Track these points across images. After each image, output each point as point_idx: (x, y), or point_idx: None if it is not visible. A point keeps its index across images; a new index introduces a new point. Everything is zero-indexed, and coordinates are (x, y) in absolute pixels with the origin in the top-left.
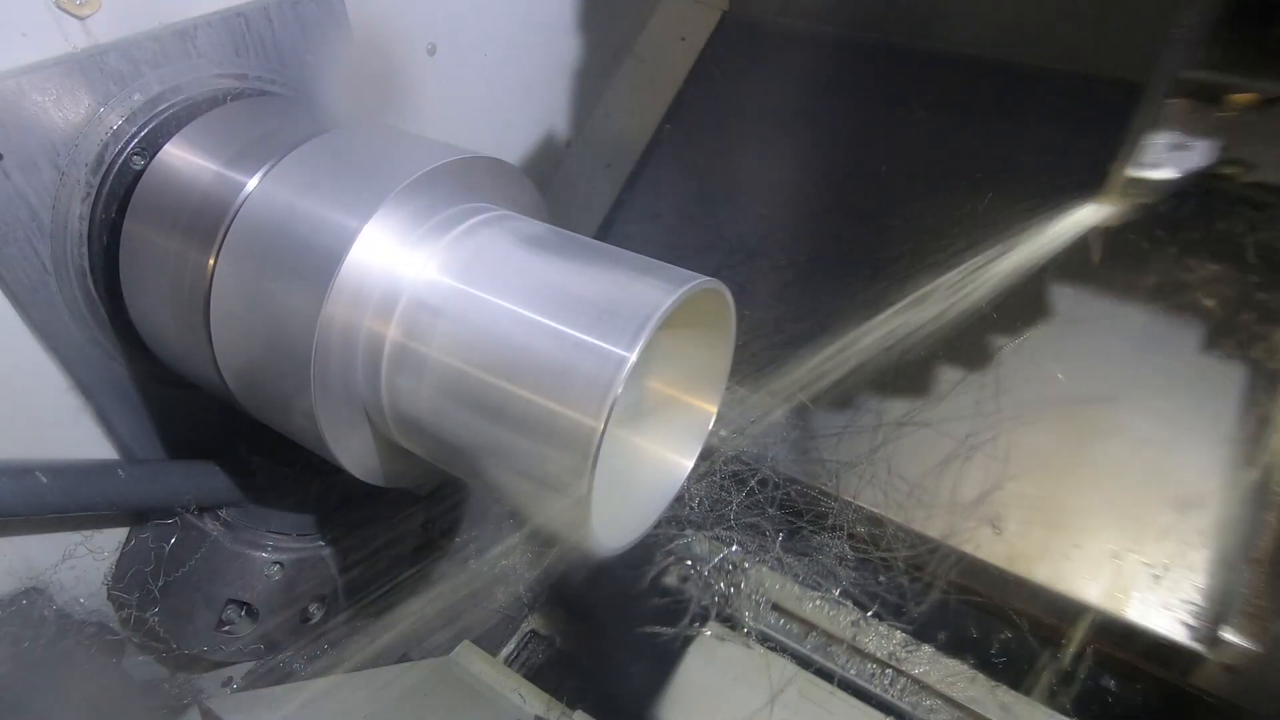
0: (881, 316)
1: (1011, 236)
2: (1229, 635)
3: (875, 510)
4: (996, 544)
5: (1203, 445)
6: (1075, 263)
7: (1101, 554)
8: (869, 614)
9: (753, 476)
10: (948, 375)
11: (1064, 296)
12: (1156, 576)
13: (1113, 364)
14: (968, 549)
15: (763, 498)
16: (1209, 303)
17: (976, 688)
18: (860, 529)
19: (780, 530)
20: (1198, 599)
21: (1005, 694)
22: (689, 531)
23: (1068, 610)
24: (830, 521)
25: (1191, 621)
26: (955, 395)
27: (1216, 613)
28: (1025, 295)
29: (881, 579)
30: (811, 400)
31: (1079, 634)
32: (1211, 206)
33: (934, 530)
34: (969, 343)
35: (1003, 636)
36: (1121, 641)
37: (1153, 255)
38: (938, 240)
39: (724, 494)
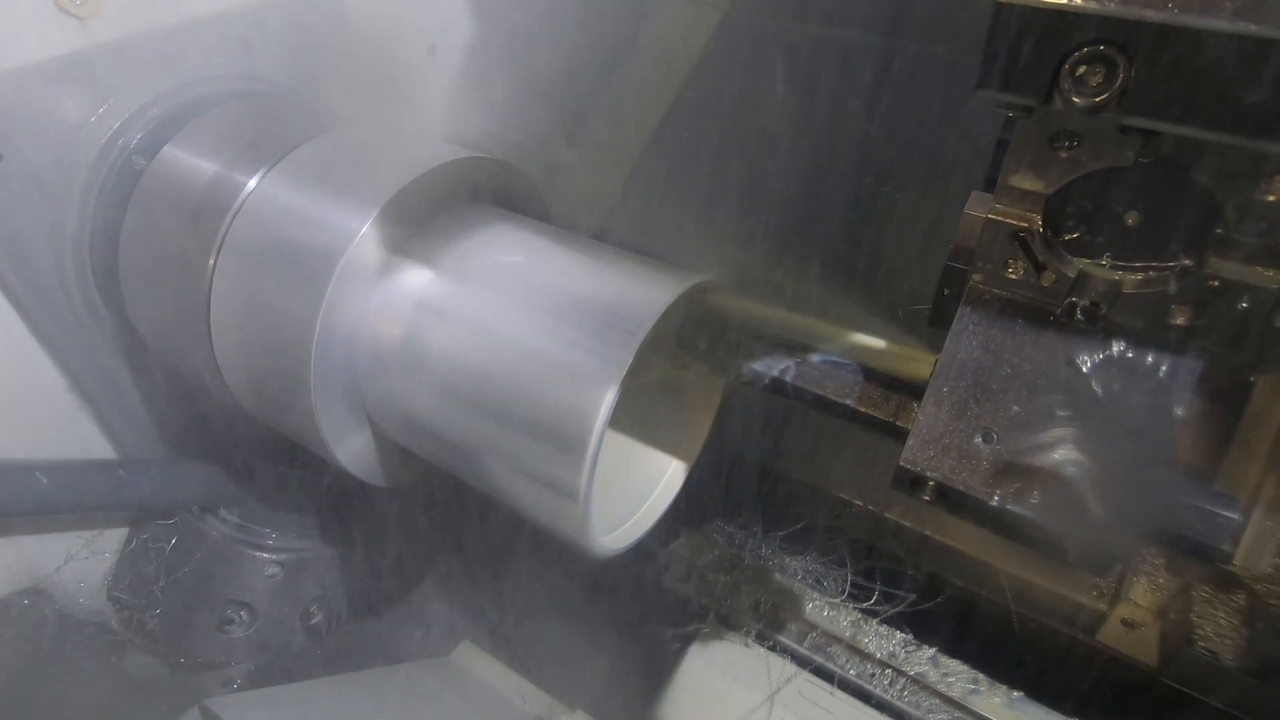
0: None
1: None
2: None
3: (858, 502)
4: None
5: None
6: None
7: None
8: (871, 600)
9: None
10: None
11: None
12: None
13: None
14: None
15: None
16: None
17: (976, 688)
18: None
19: (778, 528)
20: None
21: (1005, 694)
22: (687, 531)
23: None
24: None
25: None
26: None
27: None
28: None
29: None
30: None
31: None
32: None
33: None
34: None
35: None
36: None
37: None
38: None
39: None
